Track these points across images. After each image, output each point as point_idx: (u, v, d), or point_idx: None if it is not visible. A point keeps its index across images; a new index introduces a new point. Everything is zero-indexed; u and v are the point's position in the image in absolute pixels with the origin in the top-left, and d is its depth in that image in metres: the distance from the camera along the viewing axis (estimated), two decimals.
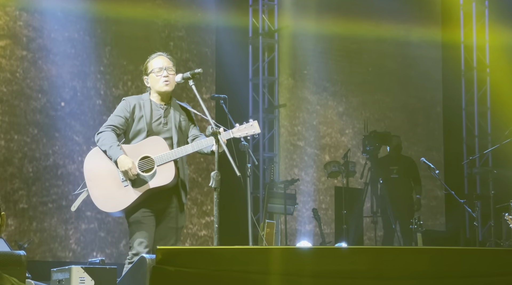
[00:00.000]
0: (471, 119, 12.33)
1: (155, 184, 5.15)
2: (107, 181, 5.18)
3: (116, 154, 5.13)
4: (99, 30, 10.04)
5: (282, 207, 9.98)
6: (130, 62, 10.01)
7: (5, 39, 9.48)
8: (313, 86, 11.72)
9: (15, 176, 9.40)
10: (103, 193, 5.17)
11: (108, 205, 5.19)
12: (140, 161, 5.18)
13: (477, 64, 12.35)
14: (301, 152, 11.51)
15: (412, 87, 12.52)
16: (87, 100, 9.86)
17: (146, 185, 5.14)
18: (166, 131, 5.32)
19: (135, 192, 5.13)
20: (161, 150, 5.18)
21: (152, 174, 5.14)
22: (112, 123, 5.28)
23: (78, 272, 4.89)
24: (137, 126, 5.30)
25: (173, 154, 5.17)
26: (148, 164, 5.18)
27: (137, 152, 5.19)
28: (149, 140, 5.23)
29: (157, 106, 5.36)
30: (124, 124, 5.30)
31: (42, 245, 9.45)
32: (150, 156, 5.17)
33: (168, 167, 5.16)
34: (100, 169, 5.20)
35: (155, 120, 5.32)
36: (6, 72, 9.45)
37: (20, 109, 9.49)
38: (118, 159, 5.12)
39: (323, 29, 11.70)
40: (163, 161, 5.15)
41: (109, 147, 5.16)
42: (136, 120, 5.30)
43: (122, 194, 5.14)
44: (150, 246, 5.14)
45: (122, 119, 5.29)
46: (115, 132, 5.25)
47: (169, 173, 5.15)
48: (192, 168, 10.13)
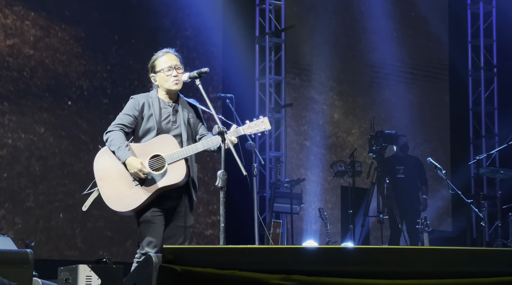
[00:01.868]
0: (478, 119, 12.30)
1: (166, 182, 5.11)
2: (118, 180, 5.14)
3: (125, 156, 5.10)
4: (106, 29, 10.06)
5: (288, 207, 9.99)
6: (137, 61, 10.02)
7: (12, 38, 9.50)
8: (320, 85, 11.72)
9: (22, 174, 9.42)
10: (114, 193, 5.13)
11: (119, 204, 5.14)
12: (151, 159, 5.13)
13: (484, 64, 12.33)
14: (308, 152, 11.51)
15: (419, 87, 12.50)
16: (94, 99, 9.88)
17: (157, 184, 5.09)
18: (176, 129, 5.29)
19: (146, 191, 5.10)
20: (171, 148, 5.14)
21: (163, 173, 5.10)
22: (121, 122, 5.24)
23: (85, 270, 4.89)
24: (147, 125, 5.26)
25: (183, 152, 5.13)
26: (158, 163, 5.13)
27: (147, 151, 5.15)
28: (159, 139, 5.19)
29: (165, 104, 5.33)
30: (133, 123, 5.25)
31: (48, 243, 9.46)
32: (160, 154, 5.13)
33: (179, 165, 5.12)
34: (111, 168, 5.16)
35: (164, 119, 5.29)
36: (14, 71, 9.47)
37: (27, 108, 9.51)
38: (127, 161, 5.09)
39: (329, 28, 11.70)
40: (174, 159, 5.11)
41: (118, 148, 5.13)
42: (146, 118, 5.26)
43: (133, 193, 5.11)
44: (159, 246, 5.12)
45: (131, 118, 5.25)
46: (124, 131, 5.20)
47: (180, 171, 5.11)
48: (199, 167, 10.12)
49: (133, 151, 5.16)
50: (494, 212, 11.21)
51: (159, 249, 5.09)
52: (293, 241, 10.37)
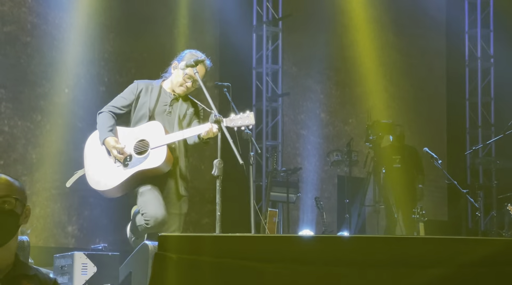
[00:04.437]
0: (475, 109, 12.32)
1: (146, 166, 5.24)
2: (102, 161, 5.32)
3: (103, 136, 5.29)
4: (103, 17, 10.03)
5: (285, 196, 10.00)
6: (134, 49, 10.00)
7: (9, 25, 9.47)
8: (317, 75, 11.72)
9: (19, 162, 9.42)
10: (96, 172, 5.33)
11: (99, 183, 5.33)
12: (137, 143, 5.29)
13: (481, 54, 12.33)
14: (304, 141, 11.52)
15: (416, 77, 12.50)
16: (91, 87, 9.86)
17: (137, 166, 5.24)
18: (169, 120, 5.36)
19: (126, 171, 5.26)
20: (157, 134, 5.27)
21: (145, 156, 5.25)
22: (114, 104, 5.42)
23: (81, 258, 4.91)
24: (140, 111, 5.40)
25: (167, 138, 5.26)
26: (143, 147, 5.28)
27: (135, 135, 5.31)
28: (148, 125, 5.33)
29: (166, 94, 5.44)
30: (128, 106, 5.42)
31: (45, 231, 9.47)
32: (145, 139, 5.27)
33: (160, 150, 5.25)
34: (97, 149, 5.36)
35: (160, 107, 5.37)
36: (11, 58, 9.45)
37: (24, 95, 9.49)
38: (105, 141, 5.28)
39: (327, 18, 11.68)
40: (157, 144, 5.24)
41: (100, 130, 5.33)
42: (140, 105, 5.40)
43: (113, 173, 5.27)
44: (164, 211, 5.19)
45: (127, 101, 5.41)
46: (113, 113, 5.37)
47: (161, 156, 5.23)
48: (195, 155, 10.13)
49: (122, 134, 5.31)
50: (490, 202, 11.24)
51: (165, 216, 5.14)
52: (289, 230, 10.39)
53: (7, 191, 2.95)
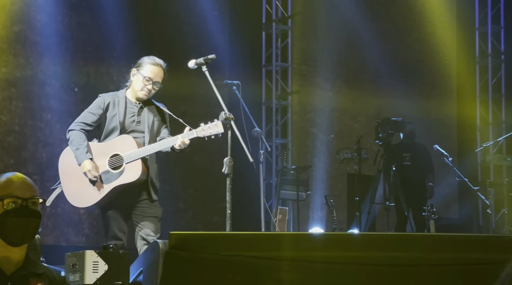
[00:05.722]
0: (485, 106, 12.27)
1: (123, 180, 5.41)
2: (79, 178, 5.49)
3: (80, 159, 5.45)
4: (112, 16, 10.03)
5: (295, 194, 9.99)
6: (143, 48, 9.99)
7: (19, 25, 9.49)
8: (326, 72, 11.69)
9: (29, 161, 9.44)
10: (74, 189, 5.53)
11: (78, 200, 5.57)
12: (111, 158, 5.44)
13: (492, 51, 12.28)
14: (314, 139, 11.50)
15: (426, 74, 12.46)
16: (100, 86, 9.86)
17: (114, 182, 5.42)
18: (139, 130, 5.54)
19: (104, 188, 5.44)
20: (130, 148, 5.42)
21: (120, 171, 5.41)
22: (83, 120, 5.57)
23: (92, 256, 4.91)
24: (110, 125, 5.55)
25: (141, 152, 5.41)
26: (117, 162, 5.43)
27: (108, 150, 5.47)
28: (120, 139, 5.48)
29: (131, 104, 5.60)
30: (97, 121, 5.56)
31: (55, 229, 9.50)
32: (119, 154, 5.42)
33: (135, 164, 5.41)
34: (73, 166, 5.52)
35: (129, 118, 5.54)
36: (20, 57, 9.47)
37: (34, 94, 9.51)
38: (82, 164, 5.44)
39: (336, 15, 11.66)
40: (131, 158, 5.40)
41: (76, 149, 5.49)
42: (109, 118, 5.55)
43: (91, 191, 5.47)
44: (124, 240, 5.57)
45: (95, 117, 5.56)
46: (84, 130, 5.54)
47: (136, 170, 5.40)
48: (205, 153, 10.13)
49: (95, 150, 5.48)
50: (501, 199, 11.19)
51: (123, 243, 5.49)
52: (299, 228, 10.38)
53: (34, 192, 3.02)
